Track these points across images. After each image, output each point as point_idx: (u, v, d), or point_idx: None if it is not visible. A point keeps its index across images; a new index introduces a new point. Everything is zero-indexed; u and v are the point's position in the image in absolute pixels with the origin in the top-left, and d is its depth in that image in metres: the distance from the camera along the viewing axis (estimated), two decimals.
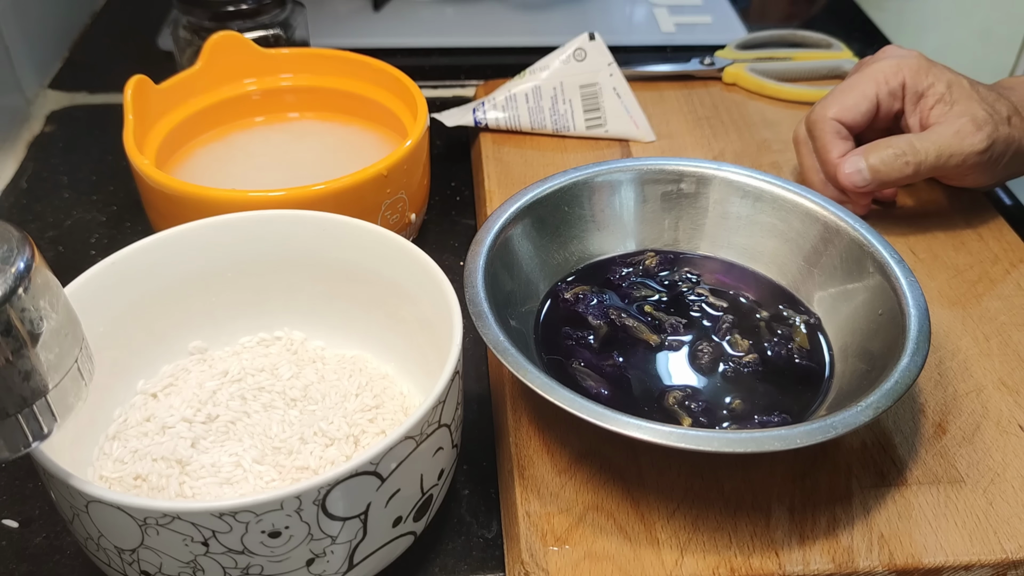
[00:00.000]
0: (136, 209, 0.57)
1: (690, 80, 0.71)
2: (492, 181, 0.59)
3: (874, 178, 0.51)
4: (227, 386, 0.42)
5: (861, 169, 0.51)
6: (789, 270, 0.48)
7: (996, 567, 0.38)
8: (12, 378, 0.28)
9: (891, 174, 0.51)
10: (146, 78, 0.54)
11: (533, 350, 0.43)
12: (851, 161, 0.52)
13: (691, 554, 0.38)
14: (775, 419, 0.40)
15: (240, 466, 0.39)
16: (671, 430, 0.35)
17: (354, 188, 0.48)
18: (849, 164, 0.52)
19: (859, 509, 0.40)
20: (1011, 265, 0.53)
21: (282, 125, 0.61)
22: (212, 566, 0.32)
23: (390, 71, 0.58)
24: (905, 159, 0.51)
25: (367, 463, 0.32)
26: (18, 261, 0.28)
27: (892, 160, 0.51)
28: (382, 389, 0.43)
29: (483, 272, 0.42)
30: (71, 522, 0.34)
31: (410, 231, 0.55)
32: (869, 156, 0.52)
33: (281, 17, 0.63)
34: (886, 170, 0.51)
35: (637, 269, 0.48)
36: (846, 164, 0.52)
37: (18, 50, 0.67)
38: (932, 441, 0.43)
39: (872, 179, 0.51)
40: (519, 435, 0.42)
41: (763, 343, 0.44)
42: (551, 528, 0.38)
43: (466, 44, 0.79)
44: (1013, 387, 0.45)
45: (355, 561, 0.35)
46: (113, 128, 0.55)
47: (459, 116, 0.64)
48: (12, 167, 0.63)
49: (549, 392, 0.36)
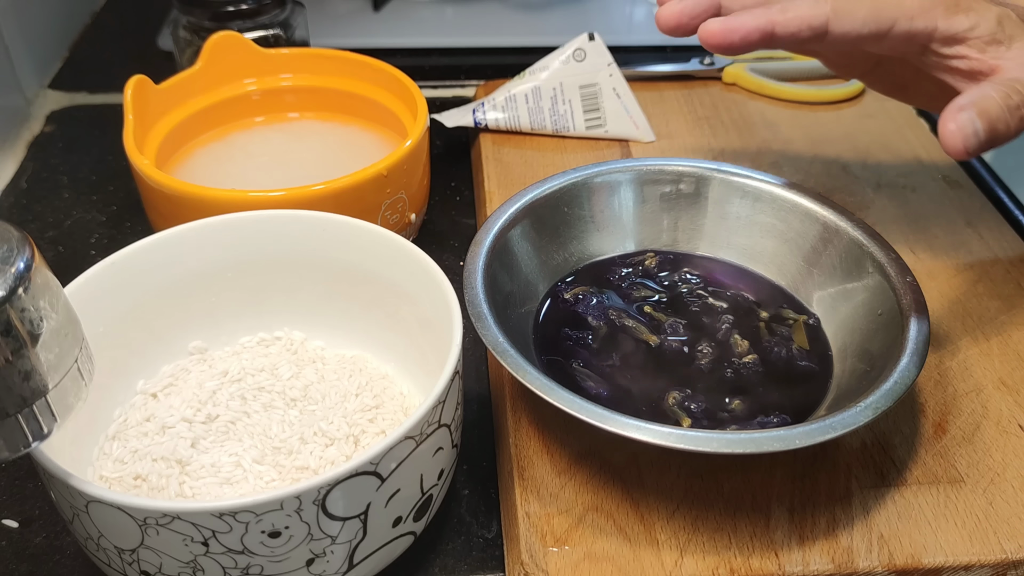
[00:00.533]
0: (136, 209, 0.57)
1: (690, 80, 0.71)
2: (492, 181, 0.59)
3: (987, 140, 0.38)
4: (227, 386, 0.42)
5: (978, 131, 0.38)
6: (789, 270, 0.48)
7: (996, 567, 0.38)
8: (12, 378, 0.28)
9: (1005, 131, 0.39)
10: (146, 78, 0.54)
11: (533, 351, 0.43)
12: (963, 119, 0.38)
13: (691, 555, 0.38)
14: (774, 420, 0.40)
15: (240, 466, 0.39)
16: (670, 431, 0.35)
17: (354, 188, 0.48)
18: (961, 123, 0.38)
19: (859, 509, 0.40)
20: (1011, 265, 0.53)
21: (282, 125, 0.61)
22: (212, 566, 0.32)
23: (390, 71, 0.58)
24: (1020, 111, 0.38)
25: (367, 463, 0.32)
26: (18, 261, 0.28)
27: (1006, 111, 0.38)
28: (382, 389, 0.43)
29: (483, 272, 0.42)
30: (71, 522, 0.34)
31: (410, 231, 0.55)
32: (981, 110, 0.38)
33: (281, 17, 0.63)
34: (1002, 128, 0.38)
35: (637, 269, 0.48)
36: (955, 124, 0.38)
37: (18, 50, 0.67)
38: (932, 441, 0.43)
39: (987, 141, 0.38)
40: (519, 435, 0.42)
41: (763, 343, 0.44)
42: (551, 529, 0.38)
43: (466, 44, 0.79)
44: (1013, 387, 0.45)
45: (355, 561, 0.35)
46: (113, 128, 0.55)
47: (459, 116, 0.64)
48: (12, 167, 0.63)
49: (548, 393, 0.36)
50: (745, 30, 0.39)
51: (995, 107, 0.38)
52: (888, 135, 0.64)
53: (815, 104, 0.68)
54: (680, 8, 0.40)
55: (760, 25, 0.38)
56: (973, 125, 0.37)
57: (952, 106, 0.38)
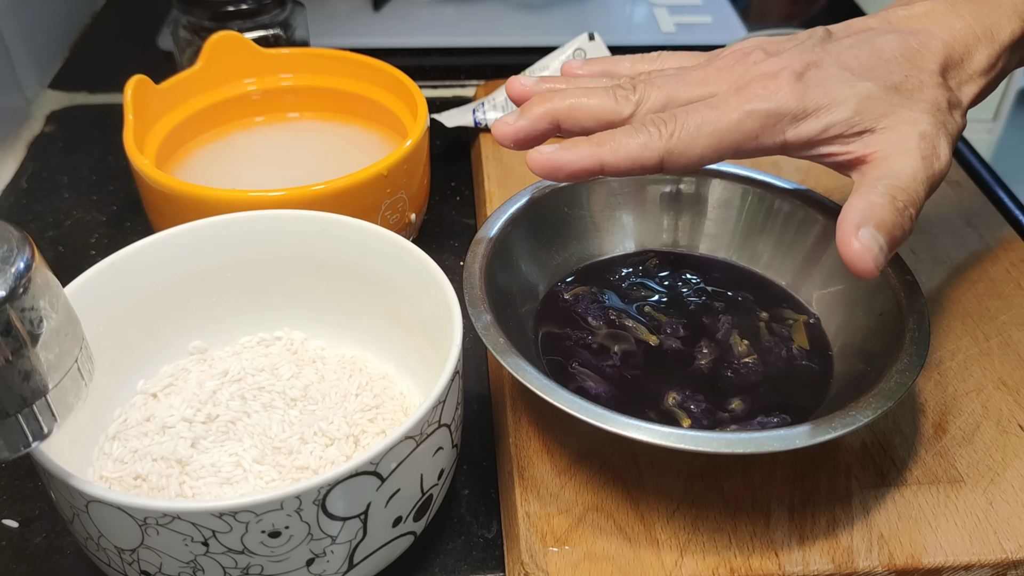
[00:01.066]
0: (136, 209, 0.57)
1: None
2: (492, 181, 0.59)
3: (890, 249, 0.37)
4: (227, 386, 0.42)
5: (882, 245, 0.36)
6: (789, 270, 0.48)
7: (996, 567, 0.38)
8: (12, 378, 0.28)
9: (902, 236, 0.37)
10: (146, 78, 0.54)
11: (533, 351, 0.43)
12: (865, 238, 0.36)
13: (691, 555, 0.38)
14: (774, 419, 0.40)
15: (240, 466, 0.39)
16: (670, 431, 0.35)
17: (354, 188, 0.48)
18: (864, 242, 0.36)
19: (859, 509, 0.40)
20: (1011, 265, 0.53)
21: (282, 125, 0.61)
22: (212, 566, 0.32)
23: (390, 71, 0.58)
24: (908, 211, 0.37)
25: (367, 463, 0.32)
26: (18, 261, 0.28)
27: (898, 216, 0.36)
28: (382, 389, 0.43)
29: (483, 272, 0.42)
30: (71, 522, 0.34)
31: (410, 231, 0.55)
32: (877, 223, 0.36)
33: (281, 17, 0.63)
34: (899, 234, 0.37)
35: (637, 270, 0.48)
36: (859, 244, 0.36)
37: (18, 50, 0.67)
38: (932, 441, 0.43)
39: (890, 251, 0.37)
40: (519, 435, 0.42)
41: (763, 343, 0.44)
42: (551, 529, 0.38)
43: (466, 44, 0.79)
44: (1013, 387, 0.45)
45: (355, 561, 0.35)
46: (113, 128, 0.55)
47: (459, 116, 0.64)
48: (12, 167, 0.64)
49: (548, 393, 0.36)
50: (571, 168, 0.37)
51: (888, 216, 0.36)
52: None
53: None
54: (516, 127, 0.39)
55: (587, 166, 0.37)
56: (876, 241, 0.35)
57: (847, 225, 0.36)
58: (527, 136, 0.39)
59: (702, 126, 0.37)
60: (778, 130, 0.38)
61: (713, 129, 0.37)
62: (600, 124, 0.39)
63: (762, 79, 0.38)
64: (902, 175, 0.37)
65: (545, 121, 0.39)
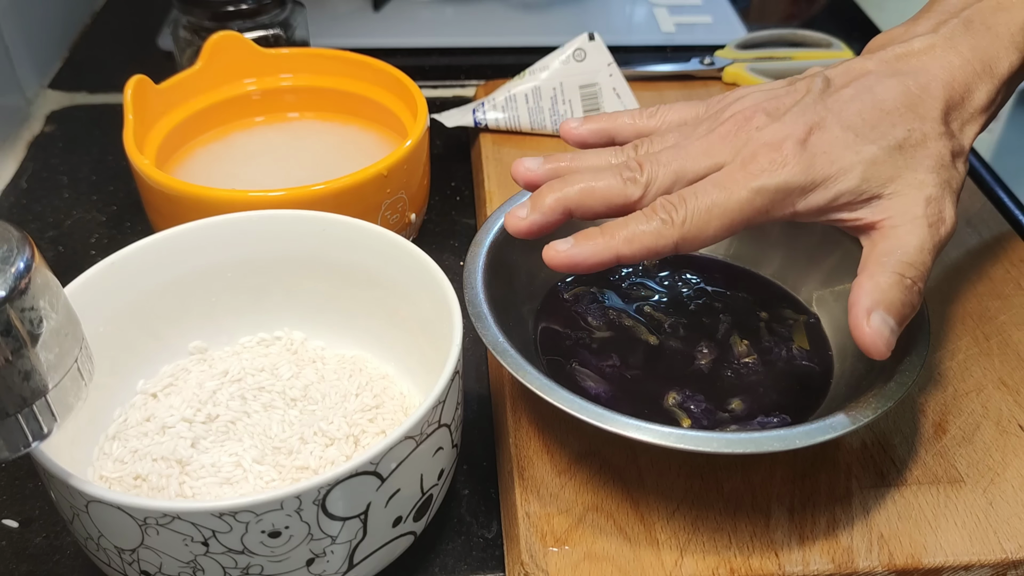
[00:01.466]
0: (136, 209, 0.57)
1: (690, 80, 0.71)
2: (492, 181, 0.59)
3: (900, 327, 0.37)
4: (227, 386, 0.42)
5: (892, 328, 0.36)
6: (789, 270, 0.48)
7: (996, 567, 0.38)
8: (12, 378, 0.28)
9: (911, 312, 0.37)
10: (146, 78, 0.54)
11: (533, 351, 0.43)
12: (876, 323, 0.36)
13: (691, 555, 0.38)
14: (774, 420, 0.40)
15: (240, 466, 0.39)
16: (670, 431, 0.35)
17: (354, 188, 0.48)
18: (876, 327, 0.36)
19: (859, 509, 0.40)
20: (1011, 265, 0.53)
21: (282, 125, 0.61)
22: (212, 566, 0.32)
23: (390, 71, 0.58)
24: (916, 286, 0.37)
25: (367, 463, 0.32)
26: (18, 261, 0.28)
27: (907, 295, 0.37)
28: (382, 389, 0.43)
29: (483, 272, 0.42)
30: (71, 522, 0.34)
31: (410, 231, 0.55)
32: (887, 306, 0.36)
33: (281, 17, 0.63)
34: (908, 311, 0.37)
35: (637, 270, 0.48)
36: (870, 329, 0.36)
37: (18, 50, 0.67)
38: (932, 441, 0.43)
39: (899, 330, 0.37)
40: (519, 435, 0.42)
41: (763, 343, 0.44)
42: (551, 529, 0.38)
43: (466, 44, 0.79)
44: (1013, 387, 0.45)
45: (355, 561, 0.35)
46: (113, 128, 0.55)
47: (459, 116, 0.64)
48: (12, 167, 0.64)
49: (548, 393, 0.36)
50: (588, 264, 0.38)
51: (897, 297, 0.36)
52: None
53: None
54: (530, 222, 0.39)
55: (603, 259, 0.38)
56: (887, 324, 0.36)
57: (859, 309, 0.36)
58: (541, 229, 0.39)
59: (712, 208, 0.37)
60: (788, 203, 0.38)
61: (724, 210, 0.37)
62: (611, 209, 0.39)
63: (767, 151, 0.38)
64: (910, 248, 0.37)
65: (557, 213, 0.39)
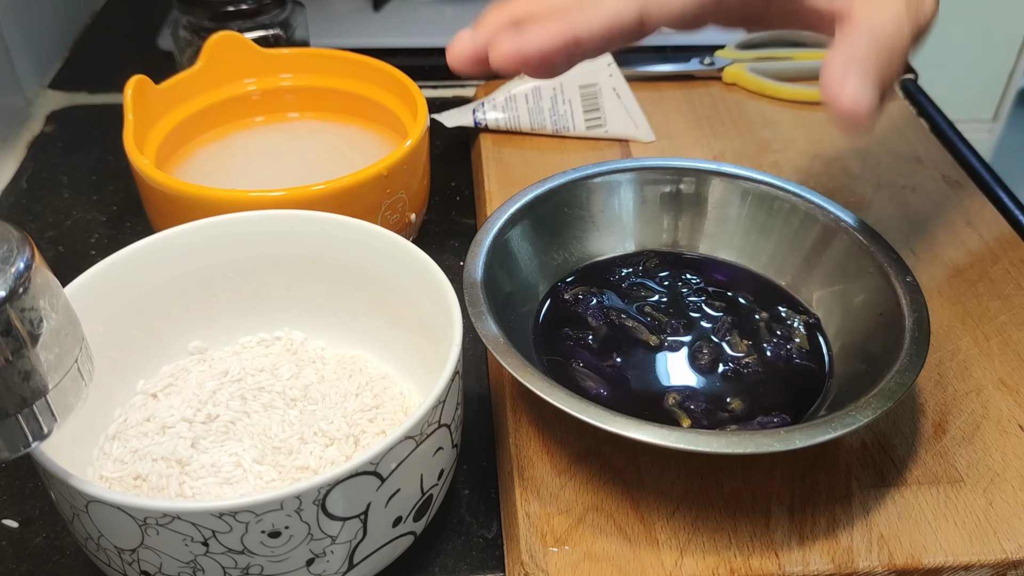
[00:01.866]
0: (136, 209, 0.57)
1: (690, 80, 0.70)
2: (492, 181, 0.59)
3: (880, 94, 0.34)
4: (227, 386, 0.42)
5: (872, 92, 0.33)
6: (789, 270, 0.48)
7: (996, 567, 0.38)
8: (12, 378, 0.28)
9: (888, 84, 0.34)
10: (146, 78, 0.54)
11: (533, 351, 0.43)
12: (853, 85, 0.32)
13: (691, 555, 0.38)
14: (775, 420, 0.40)
15: (240, 466, 0.39)
16: (670, 431, 0.35)
17: (354, 188, 0.48)
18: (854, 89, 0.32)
19: (859, 509, 0.40)
20: (1011, 265, 0.53)
21: (282, 125, 0.61)
22: (212, 566, 0.32)
23: (390, 71, 0.58)
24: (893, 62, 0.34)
25: (367, 463, 0.32)
26: (18, 261, 0.28)
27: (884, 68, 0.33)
28: (382, 389, 0.43)
29: (483, 272, 0.42)
30: (71, 522, 0.34)
31: (410, 231, 0.55)
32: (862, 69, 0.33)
33: (281, 17, 0.63)
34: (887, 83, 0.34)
35: (637, 270, 0.48)
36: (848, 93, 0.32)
37: (18, 50, 0.67)
38: (932, 441, 0.43)
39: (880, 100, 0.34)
40: (519, 435, 0.42)
41: (763, 343, 0.44)
42: (551, 529, 0.38)
43: None
44: (1013, 387, 0.45)
45: (355, 561, 0.35)
46: (113, 128, 0.55)
47: (459, 116, 0.64)
48: (12, 167, 0.63)
49: (548, 393, 0.36)
50: (543, 52, 0.32)
51: (874, 64, 0.33)
52: (888, 135, 0.64)
53: (815, 104, 0.68)
54: (472, 40, 0.34)
55: (560, 43, 0.32)
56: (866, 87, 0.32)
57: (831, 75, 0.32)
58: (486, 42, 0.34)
59: None
60: None
61: None
62: None
63: None
64: (887, 25, 0.34)
65: (502, 20, 0.34)
